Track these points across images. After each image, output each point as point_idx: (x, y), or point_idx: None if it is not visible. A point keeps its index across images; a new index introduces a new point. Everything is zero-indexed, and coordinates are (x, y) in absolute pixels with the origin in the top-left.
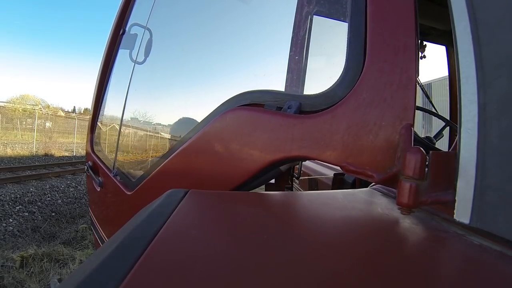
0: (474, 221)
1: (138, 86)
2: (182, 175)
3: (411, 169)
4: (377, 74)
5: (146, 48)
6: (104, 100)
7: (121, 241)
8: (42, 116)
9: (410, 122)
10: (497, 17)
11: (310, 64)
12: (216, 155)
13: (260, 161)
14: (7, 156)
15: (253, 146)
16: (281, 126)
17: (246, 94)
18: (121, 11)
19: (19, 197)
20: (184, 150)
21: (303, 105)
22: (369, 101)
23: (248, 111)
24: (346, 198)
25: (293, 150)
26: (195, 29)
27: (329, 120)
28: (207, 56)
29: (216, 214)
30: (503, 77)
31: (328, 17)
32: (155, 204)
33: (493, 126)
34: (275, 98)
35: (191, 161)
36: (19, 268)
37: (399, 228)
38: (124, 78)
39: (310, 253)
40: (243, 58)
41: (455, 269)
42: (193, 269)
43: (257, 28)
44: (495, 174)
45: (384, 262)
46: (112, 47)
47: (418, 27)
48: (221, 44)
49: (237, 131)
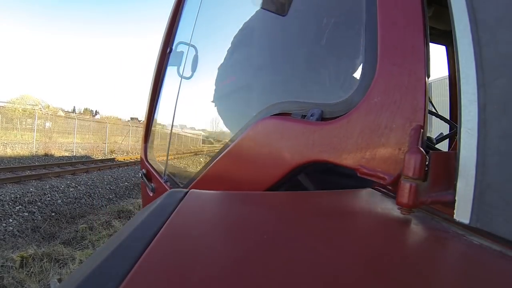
0: (474, 221)
1: (185, 99)
2: (223, 178)
3: (411, 169)
4: (387, 78)
5: (193, 63)
6: (156, 112)
7: (121, 241)
8: (42, 116)
9: (420, 123)
10: (497, 17)
11: (333, 71)
12: (251, 160)
13: (287, 165)
14: (7, 156)
15: (281, 152)
16: (304, 133)
17: (276, 105)
18: (167, 31)
19: (19, 197)
20: (225, 156)
21: (324, 112)
22: (380, 105)
23: (277, 120)
24: (346, 198)
25: (314, 155)
26: (232, 43)
27: (345, 125)
28: (245, 68)
29: (216, 214)
30: (503, 77)
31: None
32: (155, 204)
33: (493, 126)
34: (301, 107)
35: (231, 166)
36: (19, 268)
37: (399, 228)
38: (173, 92)
39: (310, 253)
40: (278, 68)
41: (455, 269)
42: (193, 269)
43: (290, 39)
44: (495, 174)
45: (383, 262)
46: (161, 64)
47: (427, 27)
48: (256, 57)
49: (267, 139)
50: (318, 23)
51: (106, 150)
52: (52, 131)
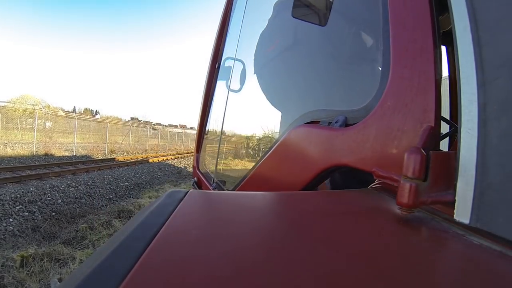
0: (474, 221)
1: (232, 110)
2: (263, 183)
3: (411, 169)
4: (398, 81)
5: (241, 77)
6: (206, 124)
7: (121, 241)
8: (42, 116)
9: (431, 124)
10: (497, 17)
11: (356, 78)
12: (286, 165)
13: (314, 169)
14: (7, 156)
15: (309, 157)
16: (327, 139)
17: (308, 113)
18: (215, 48)
19: (19, 196)
20: (264, 163)
21: (348, 119)
22: (393, 108)
23: (306, 127)
24: (346, 198)
25: (337, 159)
26: (271, 57)
27: (362, 130)
28: (282, 79)
29: (216, 214)
30: (503, 77)
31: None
32: (155, 204)
33: (493, 126)
34: (328, 115)
35: (269, 171)
36: (19, 267)
37: (399, 228)
38: (221, 104)
39: (310, 253)
40: (310, 78)
41: (455, 269)
42: (193, 269)
43: (320, 50)
44: (495, 174)
45: (383, 262)
46: (211, 78)
47: (437, 27)
48: (291, 69)
49: (299, 145)
50: (344, 33)
51: (107, 150)
52: (52, 130)
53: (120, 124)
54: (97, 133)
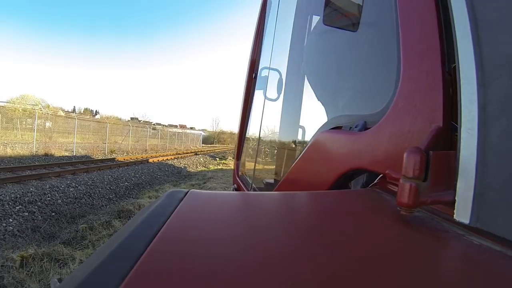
0: (474, 221)
1: (269, 118)
2: (295, 185)
3: (411, 169)
4: (408, 83)
5: (278, 86)
6: (245, 133)
7: (121, 241)
8: (42, 116)
9: (439, 124)
10: (497, 17)
11: (376, 82)
12: (313, 168)
13: (336, 172)
14: (7, 156)
15: (332, 160)
16: (346, 143)
17: (333, 119)
18: (251, 60)
19: (19, 197)
20: (295, 166)
21: (368, 123)
22: (403, 110)
23: (329, 133)
24: (346, 198)
25: (355, 162)
26: (303, 67)
27: (376, 133)
28: (313, 86)
29: (216, 214)
30: (503, 77)
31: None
32: (155, 204)
33: (493, 126)
34: (349, 120)
35: (300, 173)
36: (19, 268)
37: (399, 228)
38: (258, 113)
39: (310, 253)
40: (336, 84)
41: (455, 269)
42: (193, 269)
43: (347, 56)
44: (495, 174)
45: (383, 262)
46: (249, 88)
47: (443, 25)
48: (318, 77)
49: (324, 149)
50: (366, 37)
51: (106, 150)
52: (52, 131)
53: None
54: (97, 133)
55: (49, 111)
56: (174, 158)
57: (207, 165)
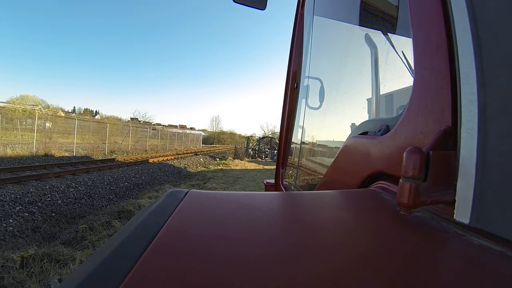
0: (474, 221)
1: (310, 127)
2: (328, 188)
3: (411, 169)
4: (419, 84)
5: (320, 94)
6: (289, 142)
7: (122, 241)
8: (42, 116)
9: (448, 124)
10: (497, 17)
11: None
12: (344, 171)
13: (362, 175)
14: (7, 157)
15: (358, 165)
16: (369, 148)
17: (360, 125)
18: (293, 72)
19: (19, 197)
20: (328, 171)
21: (390, 127)
22: (416, 112)
23: (356, 138)
24: (346, 198)
25: (376, 166)
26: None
27: (393, 136)
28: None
29: (216, 214)
30: (503, 77)
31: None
32: (155, 204)
33: (493, 126)
34: (374, 125)
35: (333, 176)
36: (19, 268)
37: (399, 228)
38: (300, 122)
39: (310, 253)
40: (364, 91)
41: (455, 269)
42: (193, 269)
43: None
44: (495, 174)
45: (383, 262)
46: (291, 99)
47: (452, 24)
48: (354, 83)
49: (351, 154)
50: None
51: (106, 150)
52: (52, 131)
53: (120, 125)
54: (97, 133)
55: (49, 112)
56: (174, 159)
57: (207, 166)
